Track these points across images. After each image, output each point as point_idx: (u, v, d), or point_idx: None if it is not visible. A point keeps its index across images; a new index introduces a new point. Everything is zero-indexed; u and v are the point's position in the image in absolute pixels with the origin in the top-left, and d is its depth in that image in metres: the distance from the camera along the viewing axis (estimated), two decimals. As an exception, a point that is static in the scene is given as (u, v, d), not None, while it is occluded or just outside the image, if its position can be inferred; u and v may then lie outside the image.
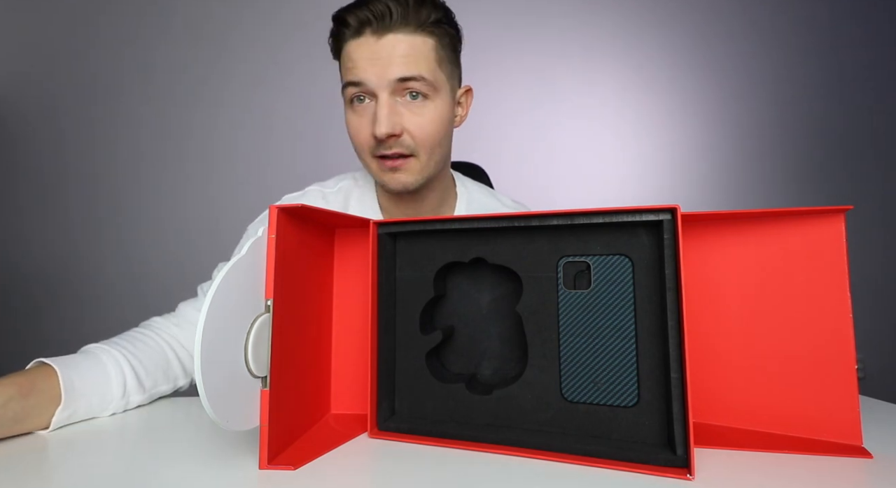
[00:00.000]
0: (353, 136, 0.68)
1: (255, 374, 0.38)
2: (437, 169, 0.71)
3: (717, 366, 0.42)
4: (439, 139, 0.67)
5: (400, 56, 0.62)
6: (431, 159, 0.68)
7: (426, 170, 0.68)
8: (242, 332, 0.38)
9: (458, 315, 0.49)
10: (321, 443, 0.42)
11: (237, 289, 0.37)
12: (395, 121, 0.63)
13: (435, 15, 0.64)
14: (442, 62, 0.66)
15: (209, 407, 0.34)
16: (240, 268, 0.37)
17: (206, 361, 0.34)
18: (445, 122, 0.68)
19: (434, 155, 0.68)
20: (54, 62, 1.93)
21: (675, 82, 1.84)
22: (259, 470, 0.37)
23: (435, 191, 0.75)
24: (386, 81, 0.62)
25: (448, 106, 0.68)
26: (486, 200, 0.83)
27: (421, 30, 0.63)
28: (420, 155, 0.66)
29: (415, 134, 0.65)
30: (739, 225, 0.42)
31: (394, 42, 0.62)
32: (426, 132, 0.65)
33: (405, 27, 0.62)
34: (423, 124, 0.65)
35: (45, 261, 1.91)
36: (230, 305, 0.36)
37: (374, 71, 0.62)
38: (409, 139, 0.65)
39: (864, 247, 1.74)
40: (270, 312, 0.39)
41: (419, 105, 0.65)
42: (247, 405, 0.38)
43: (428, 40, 0.64)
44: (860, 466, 0.36)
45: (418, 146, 0.66)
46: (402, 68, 0.62)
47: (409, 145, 0.65)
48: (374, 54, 0.62)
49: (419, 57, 0.63)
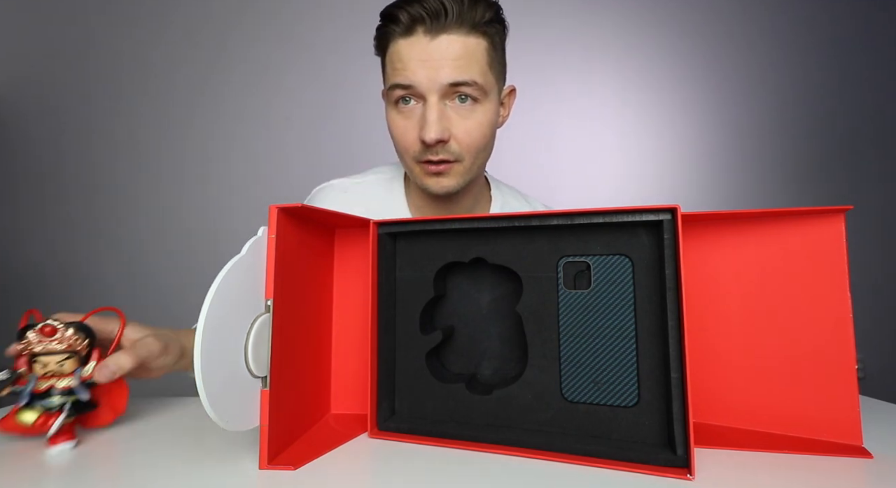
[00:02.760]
0: (397, 139, 0.66)
1: (255, 374, 0.38)
2: (479, 172, 0.70)
3: (716, 366, 0.42)
4: (485, 143, 0.66)
5: (453, 59, 0.59)
6: (475, 163, 0.67)
7: (469, 174, 0.67)
8: (242, 332, 0.38)
9: (458, 315, 0.49)
10: (321, 443, 0.42)
11: (237, 288, 0.37)
12: (444, 126, 0.61)
13: (489, 13, 0.61)
14: (493, 64, 0.63)
15: (209, 407, 0.34)
16: (239, 268, 0.37)
17: (206, 361, 0.34)
18: (492, 126, 0.66)
19: (478, 159, 0.67)
20: (53, 63, 1.93)
21: (676, 82, 1.84)
22: (259, 470, 0.37)
23: (470, 193, 0.74)
24: (437, 85, 0.60)
25: (495, 108, 0.66)
26: (518, 204, 0.81)
27: (475, 30, 0.60)
28: (465, 160, 0.65)
29: (461, 139, 0.63)
30: (739, 225, 0.42)
31: (447, 43, 0.59)
32: (473, 137, 0.63)
33: (459, 27, 0.59)
34: (471, 129, 0.63)
35: (43, 261, 1.91)
36: (230, 305, 0.36)
37: (425, 73, 0.60)
38: (456, 145, 0.63)
39: (864, 247, 1.74)
40: (270, 312, 0.39)
41: (468, 109, 0.62)
42: (247, 405, 0.38)
43: (481, 41, 0.61)
44: (860, 466, 0.36)
45: (464, 151, 0.64)
46: (455, 72, 0.59)
47: (455, 151, 0.64)
48: (426, 55, 0.59)
49: (472, 60, 0.60)
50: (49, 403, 0.44)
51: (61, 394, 0.44)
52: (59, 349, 0.45)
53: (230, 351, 0.36)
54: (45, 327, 0.44)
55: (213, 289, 0.35)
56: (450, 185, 0.66)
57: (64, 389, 0.44)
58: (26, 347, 0.45)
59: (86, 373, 0.45)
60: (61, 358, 0.45)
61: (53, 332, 0.45)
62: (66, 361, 0.45)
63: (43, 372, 0.44)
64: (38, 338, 0.44)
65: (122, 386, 0.49)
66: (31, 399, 0.44)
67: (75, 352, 0.46)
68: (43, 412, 0.43)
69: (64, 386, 0.44)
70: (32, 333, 0.45)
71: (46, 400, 0.44)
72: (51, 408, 0.43)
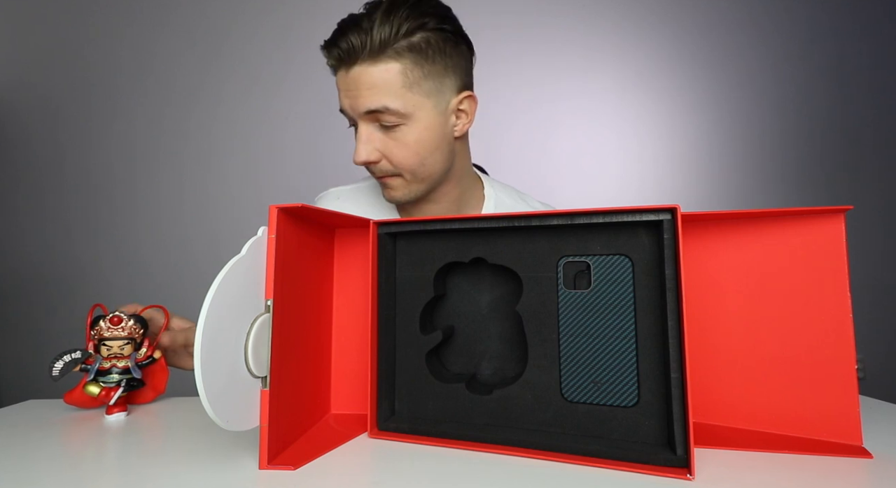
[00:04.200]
0: None
1: (255, 374, 0.38)
2: (431, 181, 0.71)
3: (716, 366, 0.42)
4: (422, 158, 0.67)
5: (366, 88, 0.63)
6: (417, 176, 0.69)
7: (414, 185, 0.70)
8: (242, 332, 0.38)
9: (458, 315, 0.49)
10: (321, 443, 0.42)
11: (237, 289, 0.37)
12: (370, 149, 0.66)
13: (406, 26, 0.61)
14: (415, 83, 0.63)
15: (209, 407, 0.34)
16: (239, 269, 0.37)
17: (206, 361, 0.34)
18: (430, 140, 0.66)
19: (420, 171, 0.68)
20: (53, 63, 1.93)
21: (676, 82, 1.85)
22: (259, 470, 0.37)
23: (447, 196, 0.76)
24: (358, 112, 0.65)
25: (431, 122, 0.66)
26: (513, 203, 0.82)
27: (384, 56, 0.62)
28: (404, 174, 0.68)
29: (392, 158, 0.67)
30: (739, 225, 0.42)
31: (359, 74, 0.63)
32: (402, 156, 0.66)
33: (370, 57, 0.62)
34: (398, 150, 0.66)
35: (42, 261, 1.91)
36: (230, 305, 0.36)
37: (348, 102, 0.65)
38: (387, 164, 0.67)
39: (864, 247, 1.74)
40: (270, 312, 0.39)
41: (393, 132, 0.65)
42: (247, 405, 0.38)
43: (392, 66, 0.62)
44: (860, 466, 0.36)
45: (398, 168, 0.67)
46: (368, 101, 0.63)
47: (388, 169, 0.68)
48: (345, 86, 0.65)
49: (382, 88, 0.62)
50: (109, 379, 0.55)
51: (119, 373, 0.55)
52: (122, 335, 0.56)
53: (230, 351, 0.36)
54: (114, 318, 0.57)
55: (212, 289, 0.35)
56: (397, 196, 0.71)
57: (123, 369, 0.56)
58: (98, 332, 0.56)
59: (139, 356, 0.57)
60: (122, 342, 0.56)
61: (119, 322, 0.57)
62: (126, 346, 0.57)
63: (107, 355, 0.56)
64: (108, 326, 0.56)
65: (163, 371, 0.60)
66: (95, 375, 0.55)
67: (133, 339, 0.57)
68: (104, 387, 0.54)
69: (123, 366, 0.56)
70: (104, 322, 0.56)
71: (108, 376, 0.55)
72: (109, 383, 0.55)
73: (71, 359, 0.54)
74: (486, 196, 0.81)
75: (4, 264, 1.91)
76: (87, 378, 0.55)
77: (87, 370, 0.55)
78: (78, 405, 0.57)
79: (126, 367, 0.56)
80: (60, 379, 0.54)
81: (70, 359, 0.54)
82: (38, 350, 1.88)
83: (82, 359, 0.55)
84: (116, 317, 0.56)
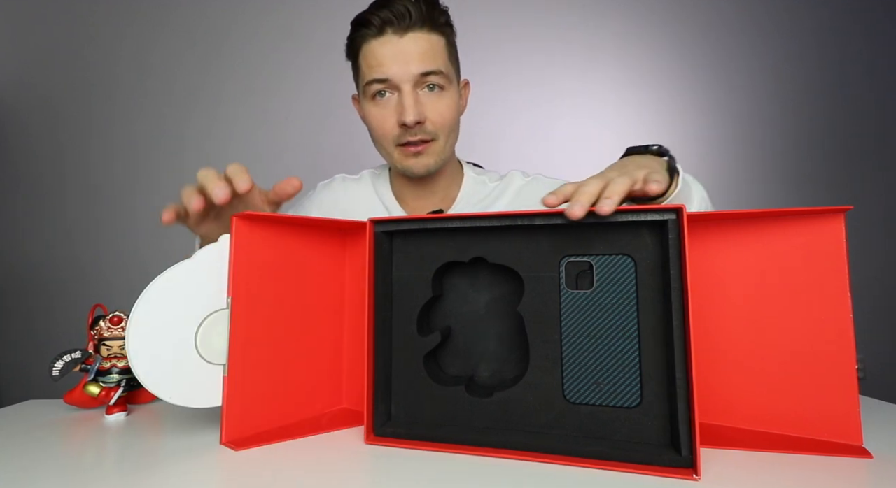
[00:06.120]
0: (376, 128, 0.74)
1: (208, 361, 0.44)
2: (451, 152, 0.79)
3: (716, 366, 0.42)
4: (454, 125, 0.76)
5: (420, 53, 0.69)
6: (448, 142, 0.76)
7: (444, 152, 0.76)
8: (194, 323, 0.44)
9: (456, 315, 0.48)
10: (295, 431, 0.45)
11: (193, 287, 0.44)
12: (419, 110, 0.70)
13: (443, 17, 0.73)
14: (451, 57, 0.74)
15: (143, 381, 0.42)
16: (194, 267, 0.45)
17: (137, 337, 0.42)
18: (457, 109, 0.76)
19: (450, 138, 0.76)
20: (53, 63, 1.93)
21: (676, 82, 1.84)
22: (259, 472, 0.36)
23: (445, 174, 0.82)
24: (409, 75, 0.69)
25: (457, 95, 0.76)
26: (485, 179, 0.86)
27: (434, 29, 0.71)
28: (440, 138, 0.74)
29: (435, 120, 0.72)
30: (740, 225, 0.42)
31: (414, 39, 0.69)
32: (445, 118, 0.73)
33: (422, 27, 0.70)
34: (443, 111, 0.73)
35: (42, 261, 1.91)
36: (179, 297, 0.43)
37: (399, 66, 0.69)
38: (431, 125, 0.72)
39: (864, 247, 1.74)
40: (229, 308, 0.43)
41: (437, 95, 0.72)
42: (198, 386, 0.44)
43: (441, 38, 0.72)
44: (860, 466, 0.35)
45: (438, 131, 0.73)
46: (424, 63, 0.69)
47: (431, 131, 0.73)
48: (397, 50, 0.69)
49: (435, 53, 0.71)
50: (109, 379, 0.55)
51: (119, 373, 0.55)
52: (122, 335, 0.56)
53: (174, 336, 0.43)
54: (114, 318, 0.57)
55: (154, 284, 0.43)
56: (429, 163, 0.75)
57: (123, 369, 0.56)
58: (98, 332, 0.56)
59: None
60: (122, 342, 0.56)
61: (119, 322, 0.57)
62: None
63: (107, 355, 0.56)
64: (108, 326, 0.56)
65: None
66: (95, 375, 0.55)
67: None
68: (104, 387, 0.55)
69: (123, 366, 0.56)
70: (104, 322, 0.57)
71: (107, 376, 0.55)
72: (109, 383, 0.55)
73: (71, 359, 0.54)
74: (465, 174, 0.86)
75: (4, 264, 1.91)
76: (87, 378, 0.55)
77: (87, 370, 0.55)
78: (78, 405, 0.57)
79: (126, 367, 0.55)
80: (60, 379, 0.54)
81: (70, 359, 0.54)
82: (38, 350, 1.87)
83: (82, 359, 0.55)
84: (116, 317, 0.57)
